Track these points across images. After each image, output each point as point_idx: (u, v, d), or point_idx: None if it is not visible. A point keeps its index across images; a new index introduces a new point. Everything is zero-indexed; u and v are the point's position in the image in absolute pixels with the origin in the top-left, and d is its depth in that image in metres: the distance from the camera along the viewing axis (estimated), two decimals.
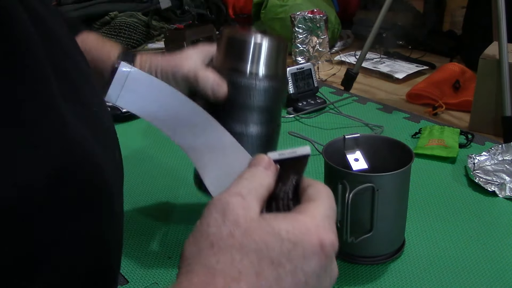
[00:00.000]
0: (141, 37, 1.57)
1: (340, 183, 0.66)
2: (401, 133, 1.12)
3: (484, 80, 1.19)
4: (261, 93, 0.66)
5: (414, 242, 0.77)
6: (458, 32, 1.87)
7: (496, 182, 0.90)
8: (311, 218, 0.38)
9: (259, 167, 0.42)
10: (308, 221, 0.37)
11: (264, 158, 0.43)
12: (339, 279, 0.69)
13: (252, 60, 0.65)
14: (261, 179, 0.41)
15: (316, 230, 0.37)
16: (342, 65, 1.68)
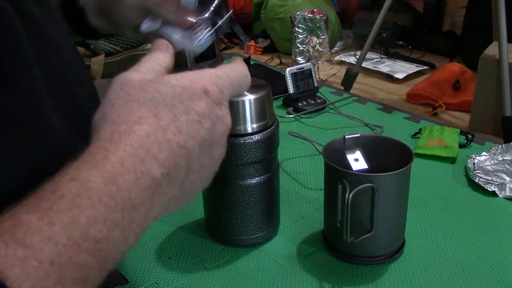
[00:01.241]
0: None
1: (340, 183, 0.66)
2: (401, 133, 1.12)
3: (484, 80, 1.19)
4: (254, 148, 0.67)
5: (414, 242, 0.77)
6: (458, 32, 1.88)
7: (496, 182, 0.90)
8: (199, 73, 0.44)
9: (157, 51, 0.47)
10: (196, 74, 0.43)
11: (162, 42, 0.48)
12: (339, 279, 0.70)
13: (238, 119, 0.65)
14: (158, 60, 0.46)
15: (202, 80, 0.43)
16: (342, 65, 1.68)
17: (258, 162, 0.69)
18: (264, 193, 0.72)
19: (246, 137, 0.66)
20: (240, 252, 0.75)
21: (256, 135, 0.67)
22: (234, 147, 0.66)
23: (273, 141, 0.71)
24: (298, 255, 0.75)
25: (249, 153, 0.67)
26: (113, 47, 1.50)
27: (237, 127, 0.66)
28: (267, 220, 0.75)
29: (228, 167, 0.69)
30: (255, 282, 0.69)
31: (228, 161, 0.66)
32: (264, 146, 0.69)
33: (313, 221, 0.82)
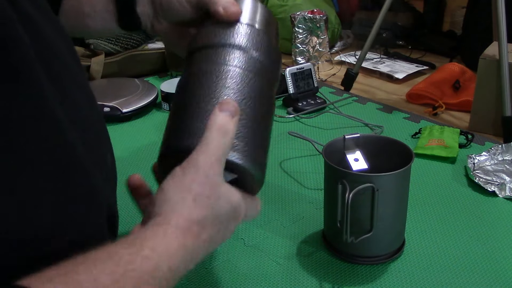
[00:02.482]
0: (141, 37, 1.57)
1: (340, 183, 0.66)
2: (401, 133, 1.12)
3: (484, 80, 1.19)
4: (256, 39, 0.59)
5: (414, 242, 0.77)
6: (458, 32, 1.87)
7: (496, 182, 0.90)
8: (245, 202, 0.53)
9: (229, 117, 0.50)
10: (244, 203, 0.52)
11: (231, 104, 0.51)
12: (339, 279, 0.70)
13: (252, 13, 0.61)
14: (232, 133, 0.50)
15: (244, 209, 0.52)
16: (342, 65, 1.68)
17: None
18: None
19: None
20: (240, 252, 0.75)
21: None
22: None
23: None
24: (298, 255, 0.75)
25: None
26: (113, 47, 1.50)
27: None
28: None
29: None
30: (255, 282, 0.69)
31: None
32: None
33: (313, 221, 0.82)
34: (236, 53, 0.57)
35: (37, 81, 0.41)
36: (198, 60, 0.57)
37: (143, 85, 1.32)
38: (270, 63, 0.60)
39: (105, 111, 1.19)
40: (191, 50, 0.60)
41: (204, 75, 0.55)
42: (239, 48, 0.57)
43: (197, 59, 0.58)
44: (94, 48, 1.48)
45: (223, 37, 0.58)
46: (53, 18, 0.51)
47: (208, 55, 0.57)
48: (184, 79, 0.58)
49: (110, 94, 1.27)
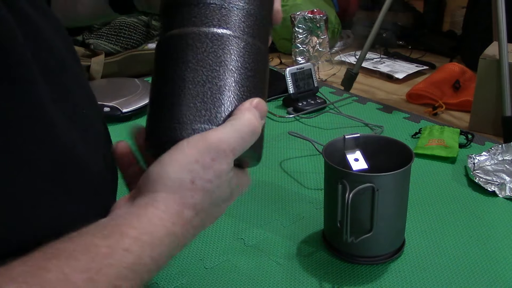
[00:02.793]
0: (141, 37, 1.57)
1: (340, 183, 0.66)
2: (401, 133, 1.12)
3: (484, 80, 1.19)
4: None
5: (414, 242, 0.77)
6: (458, 32, 1.87)
7: (496, 182, 0.90)
8: (241, 184, 0.50)
9: (258, 119, 0.47)
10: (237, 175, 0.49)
11: (263, 106, 0.48)
12: (339, 279, 0.70)
13: None
14: (255, 136, 0.47)
15: (238, 191, 0.50)
16: (342, 65, 1.68)
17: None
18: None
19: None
20: (240, 252, 0.75)
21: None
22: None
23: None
24: (298, 255, 0.75)
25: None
26: (113, 47, 1.50)
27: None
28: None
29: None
30: (255, 282, 0.69)
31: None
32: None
33: (313, 221, 0.82)
34: (238, 14, 0.48)
35: (33, 82, 0.41)
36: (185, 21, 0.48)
37: (143, 85, 1.32)
38: (268, 14, 0.52)
39: (105, 111, 1.19)
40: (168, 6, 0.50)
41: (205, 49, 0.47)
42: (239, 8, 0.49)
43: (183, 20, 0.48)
44: (94, 48, 1.48)
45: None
46: (53, 18, 0.51)
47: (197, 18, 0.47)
48: (174, 43, 0.48)
49: (110, 94, 1.27)
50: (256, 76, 0.49)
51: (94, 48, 1.48)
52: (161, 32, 0.50)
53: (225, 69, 0.47)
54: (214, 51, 0.47)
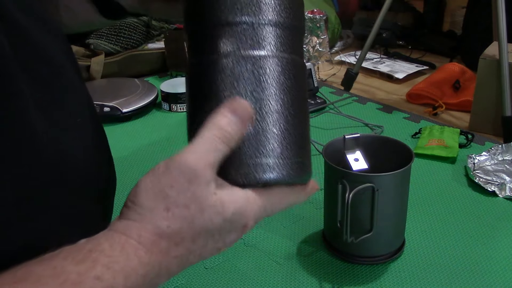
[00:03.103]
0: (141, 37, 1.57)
1: (340, 183, 0.66)
2: (401, 133, 1.12)
3: (484, 80, 1.19)
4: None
5: (414, 242, 0.77)
6: (458, 32, 1.87)
7: (496, 182, 0.90)
8: (255, 205, 0.43)
9: (237, 120, 0.42)
10: (251, 205, 0.42)
11: (245, 107, 0.42)
12: (339, 279, 0.70)
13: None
14: (234, 140, 0.42)
15: (249, 214, 0.42)
16: (342, 65, 1.68)
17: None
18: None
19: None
20: (240, 252, 0.75)
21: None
22: None
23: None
24: (298, 255, 0.75)
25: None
26: (113, 47, 1.50)
27: None
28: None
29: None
30: (255, 282, 0.69)
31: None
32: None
33: (313, 221, 0.82)
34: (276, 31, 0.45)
35: (17, 94, 0.39)
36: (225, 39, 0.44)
37: (143, 85, 1.32)
38: (302, 29, 0.48)
39: (105, 111, 1.19)
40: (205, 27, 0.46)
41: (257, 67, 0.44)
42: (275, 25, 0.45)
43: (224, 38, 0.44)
44: (94, 48, 1.48)
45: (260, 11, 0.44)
46: (49, 23, 0.50)
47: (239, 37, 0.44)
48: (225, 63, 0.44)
49: (110, 94, 1.27)
50: (292, 92, 0.45)
51: (94, 48, 1.48)
52: (195, 54, 0.46)
53: (264, 92, 0.44)
54: (252, 75, 0.44)
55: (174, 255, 0.40)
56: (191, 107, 0.46)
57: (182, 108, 1.26)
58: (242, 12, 0.44)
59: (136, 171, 0.99)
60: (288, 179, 0.43)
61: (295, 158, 0.44)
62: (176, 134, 1.15)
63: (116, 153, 0.60)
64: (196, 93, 0.45)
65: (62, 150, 0.43)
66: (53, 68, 0.47)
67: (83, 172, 0.46)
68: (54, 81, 0.46)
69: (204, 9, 0.45)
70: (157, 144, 1.10)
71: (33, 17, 0.47)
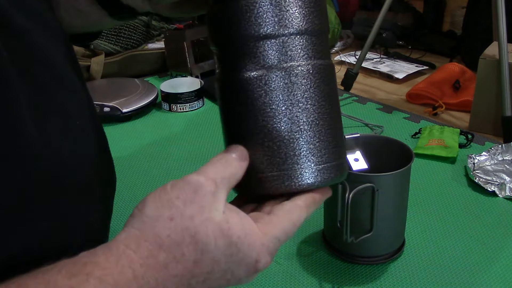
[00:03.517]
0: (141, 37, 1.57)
1: (340, 183, 0.66)
2: (401, 133, 1.12)
3: (484, 80, 1.19)
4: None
5: (414, 242, 0.77)
6: (458, 32, 1.87)
7: (496, 182, 0.90)
8: (264, 235, 0.41)
9: (234, 156, 0.43)
10: (260, 236, 0.41)
11: (240, 149, 0.44)
12: (339, 279, 0.70)
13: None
14: (235, 170, 0.43)
15: (260, 248, 0.41)
16: (342, 65, 1.68)
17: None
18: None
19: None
20: None
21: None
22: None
23: None
24: (298, 255, 0.75)
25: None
26: (113, 47, 1.50)
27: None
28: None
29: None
30: (255, 282, 0.69)
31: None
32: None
33: (313, 221, 0.82)
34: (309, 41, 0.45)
35: (13, 100, 0.39)
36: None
37: (143, 85, 1.32)
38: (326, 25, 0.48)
39: (105, 111, 1.19)
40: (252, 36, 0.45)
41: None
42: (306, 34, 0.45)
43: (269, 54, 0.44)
44: (94, 48, 1.48)
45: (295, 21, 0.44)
46: (50, 25, 0.50)
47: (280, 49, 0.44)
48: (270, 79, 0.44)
49: (110, 94, 1.27)
50: (330, 97, 0.47)
51: (94, 48, 1.48)
52: (226, 70, 0.47)
53: (309, 102, 0.45)
54: (297, 87, 0.45)
55: (173, 274, 0.38)
56: (236, 118, 0.46)
57: (182, 108, 1.26)
58: (280, 24, 0.44)
59: (136, 171, 0.99)
60: (330, 181, 0.45)
61: (337, 160, 0.46)
62: (176, 134, 1.15)
63: (116, 153, 0.60)
64: (241, 107, 0.46)
65: (60, 155, 0.43)
66: (53, 71, 0.47)
67: (82, 175, 0.46)
68: (54, 84, 0.46)
69: (239, 22, 0.44)
70: (157, 144, 1.10)
71: (34, 19, 0.46)
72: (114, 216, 0.58)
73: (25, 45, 0.44)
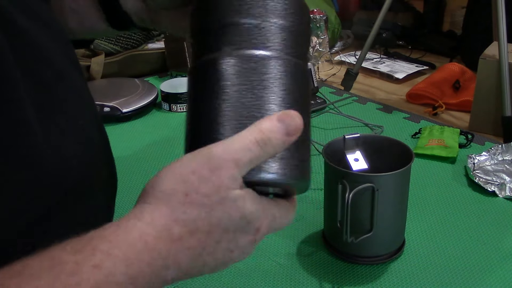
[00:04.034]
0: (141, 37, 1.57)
1: (340, 183, 0.66)
2: (401, 133, 1.12)
3: (484, 80, 1.19)
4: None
5: (414, 242, 0.77)
6: (458, 32, 1.87)
7: (496, 182, 0.90)
8: (270, 211, 0.42)
9: (282, 128, 0.40)
10: (267, 213, 0.42)
11: (295, 118, 0.41)
12: (339, 279, 0.70)
13: None
14: (270, 152, 0.40)
15: (266, 222, 0.42)
16: (342, 65, 1.68)
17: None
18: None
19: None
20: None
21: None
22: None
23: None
24: (298, 255, 0.75)
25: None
26: (113, 47, 1.50)
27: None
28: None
29: None
30: (255, 282, 0.69)
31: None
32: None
33: (313, 221, 0.82)
34: (283, 34, 0.44)
35: (19, 100, 0.40)
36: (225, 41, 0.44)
37: (143, 85, 1.32)
38: (307, 28, 0.48)
39: (105, 111, 1.19)
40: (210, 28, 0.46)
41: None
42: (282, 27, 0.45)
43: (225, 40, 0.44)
44: (94, 48, 1.48)
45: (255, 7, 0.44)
46: (54, 27, 0.50)
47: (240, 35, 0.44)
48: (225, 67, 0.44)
49: (110, 94, 1.27)
50: (295, 95, 0.45)
51: (94, 48, 1.48)
52: (197, 56, 0.46)
53: (266, 91, 0.43)
54: (255, 73, 0.43)
55: (187, 246, 0.38)
56: (192, 108, 0.46)
57: (182, 108, 1.26)
58: (248, 12, 0.44)
59: (136, 171, 0.99)
60: (297, 180, 0.43)
61: (301, 161, 0.44)
62: (176, 134, 1.15)
63: (116, 153, 0.60)
64: (196, 93, 0.45)
65: (63, 155, 0.43)
66: (55, 71, 0.47)
67: (84, 176, 0.46)
68: (57, 84, 0.46)
69: (211, 9, 0.45)
70: (157, 144, 1.10)
71: (36, 19, 0.47)
72: (115, 216, 0.58)
73: (28, 44, 0.44)
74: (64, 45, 0.51)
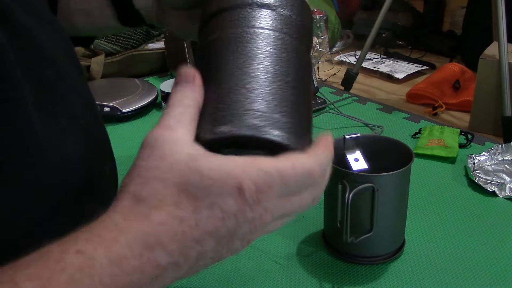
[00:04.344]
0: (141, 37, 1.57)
1: (340, 183, 0.66)
2: (401, 133, 1.12)
3: (484, 80, 1.19)
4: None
5: (414, 242, 0.77)
6: (458, 32, 1.88)
7: (496, 182, 0.90)
8: (243, 164, 0.38)
9: (183, 85, 0.42)
10: (239, 164, 0.38)
11: (188, 73, 0.42)
12: (339, 279, 0.70)
13: None
14: (188, 100, 0.41)
15: (240, 174, 0.37)
16: (342, 65, 1.68)
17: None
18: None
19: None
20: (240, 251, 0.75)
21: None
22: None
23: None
24: (298, 255, 0.75)
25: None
26: (113, 47, 1.50)
27: None
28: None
29: None
30: (255, 282, 0.69)
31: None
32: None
33: (313, 221, 0.82)
34: (264, 12, 0.46)
35: (21, 99, 0.40)
36: (220, 26, 0.46)
37: (143, 85, 1.32)
38: (305, 22, 0.50)
39: (105, 111, 1.19)
40: (207, 17, 0.48)
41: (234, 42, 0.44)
42: (267, 7, 0.47)
43: (218, 25, 0.46)
44: (94, 48, 1.48)
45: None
46: (55, 27, 0.50)
47: (231, 19, 0.46)
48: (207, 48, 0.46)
49: (110, 94, 1.27)
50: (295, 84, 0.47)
51: (94, 48, 1.48)
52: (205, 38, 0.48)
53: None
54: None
55: (158, 222, 0.37)
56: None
57: None
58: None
59: None
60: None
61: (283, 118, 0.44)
62: None
63: (116, 153, 0.60)
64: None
65: (63, 155, 0.43)
66: (57, 70, 0.47)
67: (85, 175, 0.46)
68: (58, 83, 0.46)
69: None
70: None
71: (38, 18, 0.47)
72: None
73: (29, 43, 0.44)
74: (65, 44, 0.51)
